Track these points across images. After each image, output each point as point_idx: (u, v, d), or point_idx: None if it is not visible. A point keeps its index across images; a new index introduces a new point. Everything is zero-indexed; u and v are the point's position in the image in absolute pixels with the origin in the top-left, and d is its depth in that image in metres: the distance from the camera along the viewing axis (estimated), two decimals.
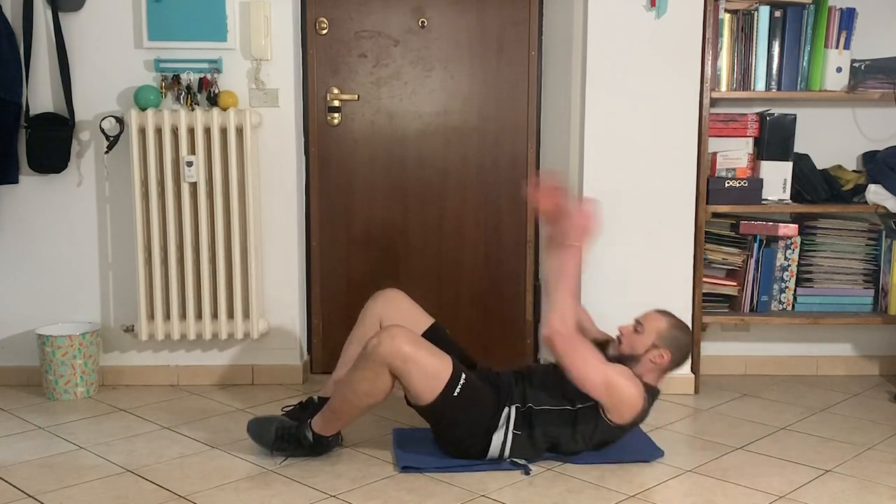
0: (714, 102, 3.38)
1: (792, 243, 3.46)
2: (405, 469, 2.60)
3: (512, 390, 2.65)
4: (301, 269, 3.59)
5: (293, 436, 2.67)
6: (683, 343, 2.73)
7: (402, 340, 2.50)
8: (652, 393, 2.69)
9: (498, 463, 2.62)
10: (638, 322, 2.72)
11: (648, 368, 2.67)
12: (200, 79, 3.36)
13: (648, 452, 2.74)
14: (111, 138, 3.34)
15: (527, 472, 2.58)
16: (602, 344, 2.76)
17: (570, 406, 2.61)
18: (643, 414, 2.64)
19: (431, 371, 2.52)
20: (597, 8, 3.27)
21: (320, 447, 2.69)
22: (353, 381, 2.56)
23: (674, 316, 2.75)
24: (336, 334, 3.62)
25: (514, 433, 2.60)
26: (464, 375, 2.57)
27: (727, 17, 3.35)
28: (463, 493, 2.44)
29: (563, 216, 2.66)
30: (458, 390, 2.54)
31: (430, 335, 2.78)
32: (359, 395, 2.56)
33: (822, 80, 3.39)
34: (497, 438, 2.59)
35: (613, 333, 2.78)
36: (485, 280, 3.71)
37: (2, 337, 3.52)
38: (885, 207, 3.35)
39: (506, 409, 2.61)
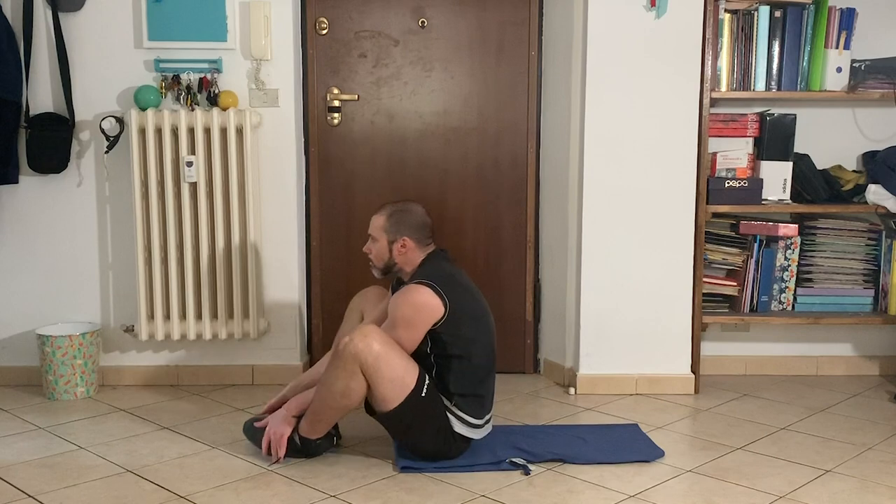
0: (714, 102, 3.38)
1: (792, 243, 3.46)
2: (404, 469, 2.60)
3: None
4: (301, 269, 3.59)
5: None
6: (408, 218, 2.71)
7: (373, 339, 2.49)
8: (428, 263, 2.68)
9: (497, 463, 2.62)
10: (369, 235, 2.76)
11: (407, 260, 2.70)
12: (200, 79, 3.36)
13: (648, 452, 2.74)
14: (111, 138, 3.34)
15: (527, 472, 2.58)
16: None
17: (430, 356, 2.60)
18: (445, 282, 2.58)
19: (401, 372, 2.52)
20: (597, 8, 3.27)
21: (309, 450, 2.69)
22: (328, 381, 2.56)
23: (389, 204, 2.76)
24: (336, 334, 3.62)
25: (453, 406, 2.60)
26: (427, 377, 2.57)
27: (727, 17, 3.35)
28: (463, 493, 2.44)
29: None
30: (424, 392, 2.54)
31: None
32: (334, 395, 2.55)
33: (822, 80, 3.39)
34: (456, 423, 2.59)
35: None
36: (485, 280, 3.70)
37: (2, 337, 3.52)
38: (885, 207, 3.35)
39: (439, 397, 2.61)
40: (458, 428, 2.61)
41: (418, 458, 2.64)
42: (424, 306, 2.54)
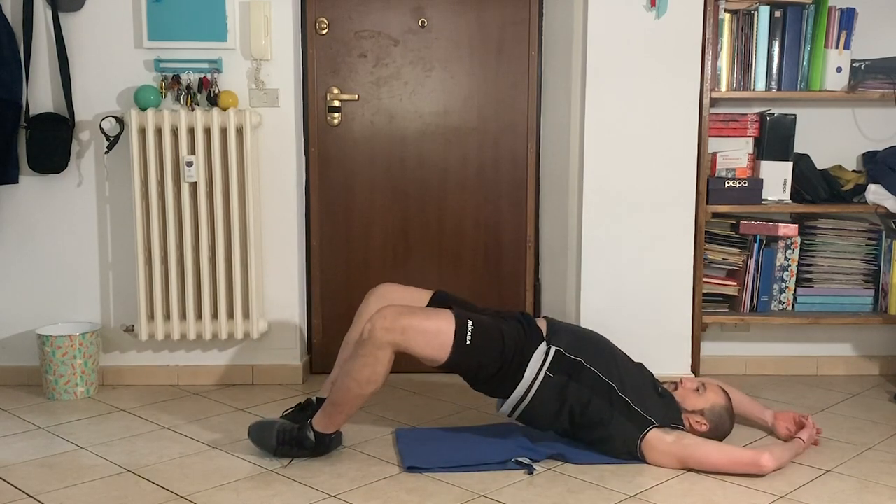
0: (714, 102, 3.38)
1: (792, 243, 3.46)
2: (410, 469, 2.60)
3: (559, 335, 2.68)
4: (301, 269, 3.59)
5: (295, 438, 2.66)
6: (723, 427, 2.77)
7: (393, 314, 2.51)
8: None
9: (503, 463, 2.62)
10: (703, 385, 2.80)
11: (689, 426, 2.73)
12: (200, 79, 3.36)
13: None
14: (111, 138, 3.34)
15: (530, 472, 2.57)
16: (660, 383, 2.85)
17: (624, 398, 2.64)
18: None
19: (434, 330, 2.53)
20: (597, 8, 3.27)
21: (323, 447, 2.68)
22: (354, 370, 2.56)
23: (731, 402, 2.82)
24: (336, 334, 3.62)
25: (546, 374, 2.61)
26: (470, 322, 2.57)
27: (727, 17, 3.35)
28: (463, 493, 2.44)
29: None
30: (469, 338, 2.55)
31: (436, 303, 2.81)
32: (360, 383, 2.56)
33: (822, 80, 3.39)
34: (530, 371, 2.61)
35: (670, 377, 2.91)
36: (485, 280, 3.71)
37: (2, 337, 3.52)
38: (885, 207, 3.35)
39: (542, 346, 2.63)
40: (528, 372, 2.61)
41: (480, 389, 2.69)
42: (675, 460, 2.63)
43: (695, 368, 3.42)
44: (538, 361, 2.63)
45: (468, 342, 2.55)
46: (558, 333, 2.71)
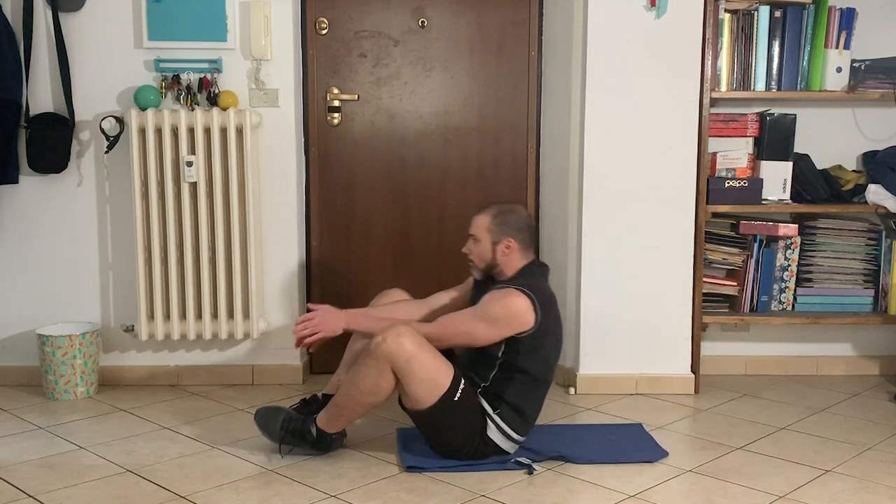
0: (714, 102, 3.38)
1: (792, 243, 3.46)
2: (410, 469, 2.60)
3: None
4: (301, 269, 3.59)
5: (298, 429, 2.67)
6: (514, 219, 2.72)
7: (406, 339, 2.50)
8: (530, 273, 2.68)
9: (503, 463, 2.62)
10: (470, 235, 2.75)
11: (509, 262, 2.69)
12: (200, 79, 3.36)
13: (653, 453, 2.74)
14: (111, 138, 3.34)
15: (531, 472, 2.57)
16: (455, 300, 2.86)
17: (500, 358, 2.60)
18: (543, 299, 2.60)
19: (433, 373, 2.52)
20: (597, 8, 3.27)
21: (324, 443, 2.69)
22: (357, 378, 2.57)
23: (493, 205, 2.76)
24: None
25: (496, 414, 2.60)
26: (463, 381, 2.57)
27: (727, 17, 3.35)
28: (463, 493, 2.44)
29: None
30: (458, 395, 2.54)
31: None
32: (362, 391, 2.56)
33: (822, 80, 3.39)
34: (493, 431, 2.60)
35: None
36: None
37: (2, 337, 3.52)
38: (885, 207, 3.35)
39: (478, 400, 2.62)
40: (493, 434, 2.60)
41: (444, 456, 2.63)
42: (518, 314, 2.56)
43: (695, 368, 3.42)
44: (486, 415, 2.60)
45: (456, 399, 2.54)
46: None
